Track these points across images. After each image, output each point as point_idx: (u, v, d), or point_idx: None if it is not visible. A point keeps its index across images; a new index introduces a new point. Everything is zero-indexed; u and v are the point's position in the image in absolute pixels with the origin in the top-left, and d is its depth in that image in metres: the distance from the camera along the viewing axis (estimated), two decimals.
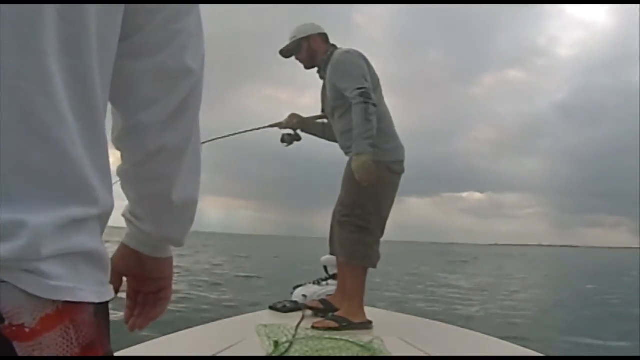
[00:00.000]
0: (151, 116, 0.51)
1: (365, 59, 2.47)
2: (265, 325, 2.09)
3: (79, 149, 0.39)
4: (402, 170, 2.50)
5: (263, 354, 1.77)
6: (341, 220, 2.43)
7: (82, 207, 0.40)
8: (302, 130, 2.80)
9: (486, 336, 2.26)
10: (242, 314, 2.68)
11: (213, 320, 2.42)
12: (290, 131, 2.78)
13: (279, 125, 2.78)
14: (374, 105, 2.30)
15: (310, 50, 2.60)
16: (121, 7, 0.44)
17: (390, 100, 2.62)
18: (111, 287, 0.45)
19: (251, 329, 2.05)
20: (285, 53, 2.66)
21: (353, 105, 2.31)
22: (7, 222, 0.34)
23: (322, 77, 2.62)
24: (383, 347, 1.88)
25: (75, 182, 0.39)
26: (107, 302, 0.44)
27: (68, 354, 0.38)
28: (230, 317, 2.54)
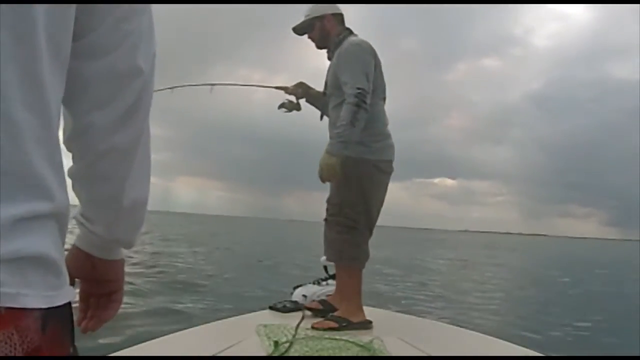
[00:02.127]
0: (102, 117, 0.51)
1: (374, 54, 2.41)
2: (265, 325, 2.09)
3: (26, 144, 0.38)
4: (391, 170, 2.46)
5: (263, 354, 1.77)
6: (329, 220, 2.39)
7: (33, 203, 0.39)
8: (306, 101, 2.75)
9: (486, 336, 2.26)
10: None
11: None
12: (293, 98, 2.74)
13: (285, 89, 2.75)
14: (366, 110, 2.25)
15: (323, 30, 2.53)
16: (72, 6, 0.44)
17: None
18: (69, 289, 0.45)
19: (251, 329, 2.05)
20: (298, 31, 2.61)
21: (345, 103, 2.27)
22: None
23: (329, 59, 2.56)
24: (383, 347, 1.88)
25: (21, 177, 0.38)
26: (64, 306, 0.43)
27: None
28: (230, 317, 2.54)
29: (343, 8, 2.61)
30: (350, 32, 2.53)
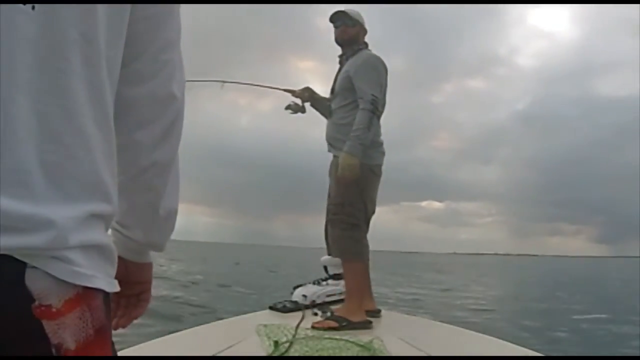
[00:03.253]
0: (146, 136, 0.58)
1: (385, 69, 2.59)
2: (265, 325, 2.09)
3: (96, 155, 0.45)
4: (381, 173, 2.63)
5: (263, 354, 1.77)
6: (332, 219, 2.52)
7: (99, 205, 0.46)
8: (311, 105, 2.88)
9: (486, 336, 2.26)
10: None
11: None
12: (299, 101, 2.88)
13: (292, 92, 2.89)
14: (378, 117, 2.47)
15: (356, 36, 2.69)
16: (124, 33, 0.50)
17: None
18: (116, 281, 0.50)
19: (251, 329, 2.05)
20: (337, 20, 2.70)
21: (361, 109, 2.43)
22: (39, 216, 0.39)
23: (340, 63, 2.72)
24: (383, 347, 1.88)
25: (93, 183, 0.45)
26: (109, 294, 0.49)
27: (84, 334, 0.43)
28: (230, 317, 2.54)
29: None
30: (367, 46, 2.71)
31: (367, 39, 2.73)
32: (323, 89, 2.87)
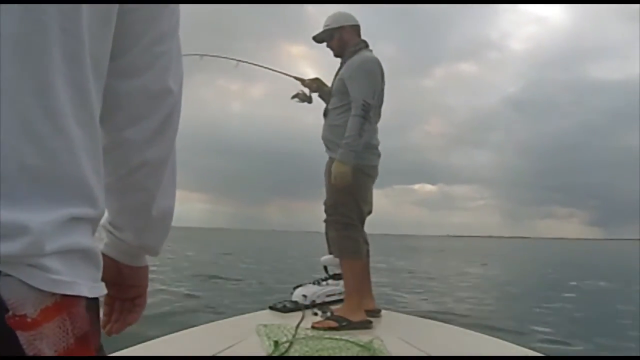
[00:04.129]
0: (136, 133, 0.55)
1: (383, 74, 2.58)
2: (265, 325, 2.10)
3: (79, 156, 0.42)
4: (375, 174, 2.63)
5: (263, 354, 1.77)
6: (328, 220, 2.56)
7: (82, 208, 0.43)
8: (318, 95, 2.90)
9: (486, 336, 2.26)
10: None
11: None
12: (307, 91, 2.89)
13: (302, 81, 2.90)
14: (370, 122, 2.46)
15: (341, 40, 2.67)
16: (112, 26, 0.47)
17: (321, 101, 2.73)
18: (103, 284, 0.48)
19: (251, 329, 2.05)
20: (318, 39, 2.74)
21: (353, 115, 2.44)
22: (12, 222, 0.37)
23: (340, 64, 2.70)
24: (383, 347, 1.88)
25: (75, 185, 0.43)
26: (97, 298, 0.47)
27: (64, 344, 0.41)
28: (230, 317, 2.54)
29: (324, 10, 2.70)
30: (366, 45, 2.67)
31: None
32: (314, 73, 2.87)
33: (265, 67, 3.08)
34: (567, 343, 5.02)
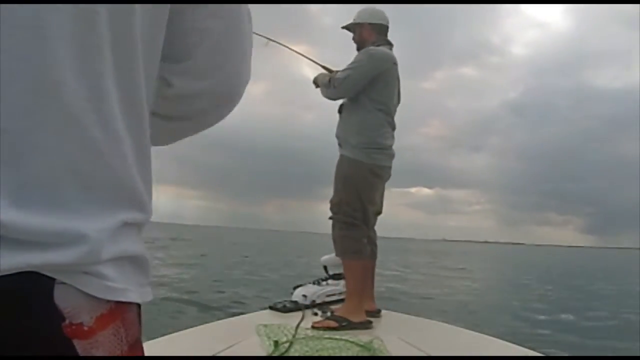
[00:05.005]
0: (192, 127, 0.58)
1: (380, 67, 2.54)
2: (265, 325, 2.09)
3: (129, 162, 0.42)
4: (387, 175, 2.61)
5: (263, 354, 1.77)
6: (333, 218, 2.53)
7: (133, 213, 0.43)
8: None
9: (486, 336, 2.26)
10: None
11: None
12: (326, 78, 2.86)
13: (328, 70, 2.84)
14: (334, 90, 2.55)
15: (361, 37, 2.70)
16: (163, 27, 0.47)
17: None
18: (149, 289, 0.48)
19: (251, 329, 2.05)
20: (348, 28, 2.77)
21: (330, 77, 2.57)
22: (67, 230, 0.37)
23: None
24: (383, 347, 1.88)
25: (126, 191, 0.43)
26: (140, 304, 0.47)
27: (119, 352, 0.41)
28: (230, 317, 2.54)
29: (327, 10, 2.71)
30: (387, 43, 2.67)
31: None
32: (315, 73, 2.83)
33: (295, 51, 2.95)
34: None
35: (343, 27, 2.78)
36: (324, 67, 2.81)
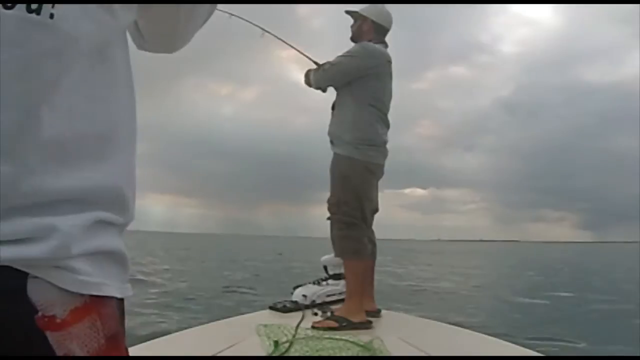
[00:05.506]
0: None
1: (370, 62, 2.53)
2: (265, 325, 2.09)
3: (110, 165, 0.45)
4: (381, 173, 2.62)
5: (263, 354, 1.77)
6: (331, 218, 2.52)
7: (110, 213, 0.45)
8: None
9: (486, 336, 2.26)
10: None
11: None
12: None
13: (318, 66, 2.79)
14: (319, 76, 2.60)
15: (359, 29, 2.69)
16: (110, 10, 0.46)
17: (330, 97, 2.68)
18: (129, 285, 0.49)
19: (251, 329, 2.05)
20: (351, 14, 2.76)
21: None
22: (41, 225, 0.38)
23: None
24: (383, 347, 1.88)
25: (104, 189, 0.44)
26: (123, 299, 0.48)
27: (95, 344, 0.42)
28: (230, 317, 2.54)
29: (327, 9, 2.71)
30: (383, 44, 2.66)
31: (339, 26, 2.81)
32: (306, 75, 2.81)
33: (288, 44, 2.93)
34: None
35: (347, 12, 2.76)
36: (315, 63, 2.79)
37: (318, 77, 2.62)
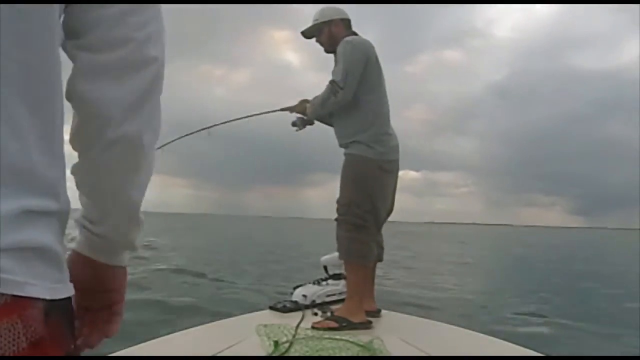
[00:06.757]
0: (114, 104, 0.49)
1: (367, 54, 2.46)
2: (265, 325, 2.09)
3: (29, 145, 0.39)
4: (396, 168, 2.53)
5: (263, 354, 1.77)
6: (339, 219, 2.44)
7: (38, 201, 0.40)
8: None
9: (486, 336, 2.26)
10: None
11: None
12: (302, 115, 2.78)
13: (290, 109, 2.79)
14: (335, 101, 2.45)
15: (331, 34, 2.60)
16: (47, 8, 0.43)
17: (324, 79, 2.59)
18: (70, 285, 0.45)
19: (251, 329, 2.05)
20: (307, 34, 2.68)
21: (323, 92, 2.49)
22: None
23: (336, 62, 2.60)
24: (383, 347, 1.88)
25: (27, 176, 0.39)
26: (64, 300, 0.44)
27: (14, 348, 0.38)
28: (230, 317, 2.54)
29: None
30: (355, 35, 2.59)
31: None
32: (299, 58, 2.72)
33: (245, 117, 2.85)
34: None
35: (306, 31, 2.66)
36: (282, 110, 2.77)
37: (339, 99, 2.44)
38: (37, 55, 0.41)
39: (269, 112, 2.85)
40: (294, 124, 2.81)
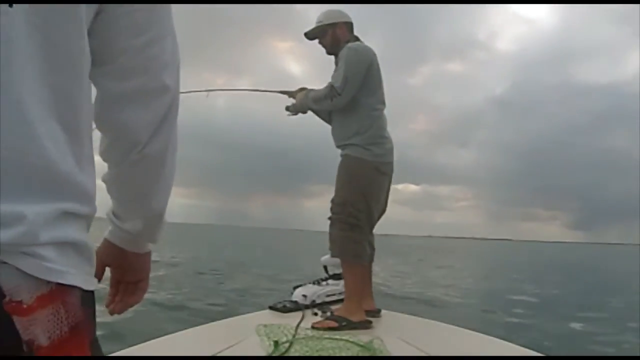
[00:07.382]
0: (137, 129, 0.57)
1: (369, 61, 2.49)
2: (265, 325, 2.09)
3: (66, 156, 0.45)
4: (391, 171, 2.57)
5: (263, 354, 1.77)
6: (332, 218, 2.46)
7: (74, 204, 0.46)
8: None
9: (486, 336, 2.26)
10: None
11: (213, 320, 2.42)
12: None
13: (289, 93, 2.80)
14: (332, 104, 2.49)
15: (335, 37, 2.62)
16: (80, 24, 0.47)
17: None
18: (95, 280, 0.51)
19: (251, 329, 2.05)
20: (310, 36, 2.68)
21: (324, 89, 2.51)
22: (8, 212, 0.40)
23: (336, 64, 2.63)
24: (383, 347, 1.88)
25: (67, 183, 0.45)
26: (92, 292, 0.49)
27: (58, 332, 0.43)
28: (230, 317, 2.54)
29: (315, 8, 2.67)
30: (357, 39, 2.62)
31: None
32: (300, 68, 2.79)
33: (247, 90, 2.96)
34: None
35: (307, 34, 2.66)
36: (281, 92, 2.77)
37: (336, 103, 2.47)
38: (70, 80, 0.46)
39: (267, 91, 2.89)
40: (287, 109, 2.81)
